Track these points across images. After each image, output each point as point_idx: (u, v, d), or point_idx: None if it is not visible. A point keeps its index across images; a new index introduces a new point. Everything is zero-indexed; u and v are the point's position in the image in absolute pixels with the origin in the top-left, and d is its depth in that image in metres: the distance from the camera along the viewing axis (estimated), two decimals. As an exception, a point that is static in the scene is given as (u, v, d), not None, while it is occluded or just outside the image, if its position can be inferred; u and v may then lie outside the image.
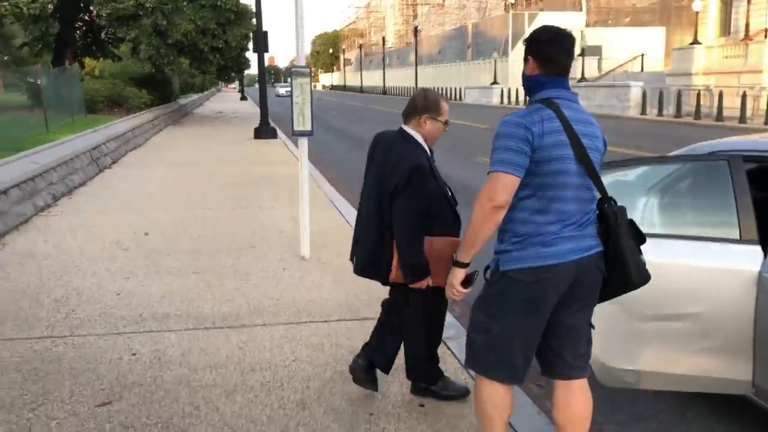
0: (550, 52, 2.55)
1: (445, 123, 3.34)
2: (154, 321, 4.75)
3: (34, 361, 4.07)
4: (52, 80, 16.07)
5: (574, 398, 2.70)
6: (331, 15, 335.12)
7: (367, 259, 3.41)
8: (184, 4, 22.60)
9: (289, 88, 6.36)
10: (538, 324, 2.58)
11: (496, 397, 2.66)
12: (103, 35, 26.25)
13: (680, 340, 3.19)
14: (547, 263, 2.45)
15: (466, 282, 2.64)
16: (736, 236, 3.16)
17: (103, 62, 28.95)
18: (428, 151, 3.33)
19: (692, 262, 3.17)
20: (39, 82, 15.50)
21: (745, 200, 3.19)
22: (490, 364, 2.63)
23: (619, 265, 2.54)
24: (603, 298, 2.67)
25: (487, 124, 26.09)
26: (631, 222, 2.61)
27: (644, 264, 2.59)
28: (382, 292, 5.36)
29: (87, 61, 27.74)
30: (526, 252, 2.47)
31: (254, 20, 21.27)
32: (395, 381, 3.78)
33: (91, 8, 22.94)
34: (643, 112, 28.82)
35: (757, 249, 3.10)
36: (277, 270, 6.05)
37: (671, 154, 4.15)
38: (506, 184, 2.41)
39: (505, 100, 43.85)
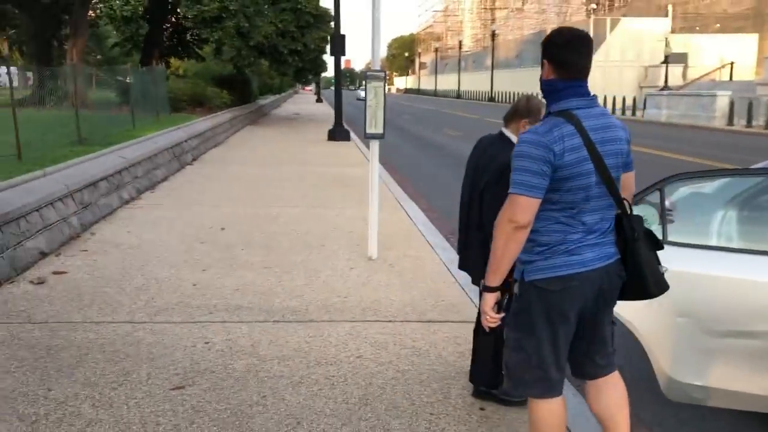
0: (566, 55, 2.48)
1: None
2: (227, 312, 4.95)
3: (116, 343, 4.32)
4: (139, 79, 16.84)
5: (606, 394, 2.75)
6: (407, 18, 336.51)
7: (460, 256, 3.63)
8: (266, 7, 23.24)
9: None
10: (567, 333, 2.59)
11: (552, 415, 2.64)
12: (188, 36, 27.29)
13: (754, 358, 3.10)
14: (573, 272, 2.48)
15: (498, 306, 2.61)
16: (818, 254, 3.04)
17: (187, 62, 30.07)
18: None
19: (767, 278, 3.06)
20: (128, 81, 16.26)
21: (829, 216, 3.07)
22: (530, 383, 2.63)
23: (637, 277, 2.56)
24: (621, 299, 2.69)
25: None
26: (648, 232, 2.62)
27: (662, 274, 2.61)
28: (448, 295, 5.43)
29: (172, 61, 28.87)
30: (552, 261, 2.49)
31: (332, 23, 21.65)
32: (457, 383, 3.82)
33: (178, 10, 23.89)
34: (730, 122, 27.67)
35: (841, 268, 2.98)
36: (345, 269, 6.17)
37: (754, 166, 4.03)
38: (527, 206, 2.40)
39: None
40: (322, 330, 4.64)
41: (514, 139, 3.35)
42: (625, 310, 3.29)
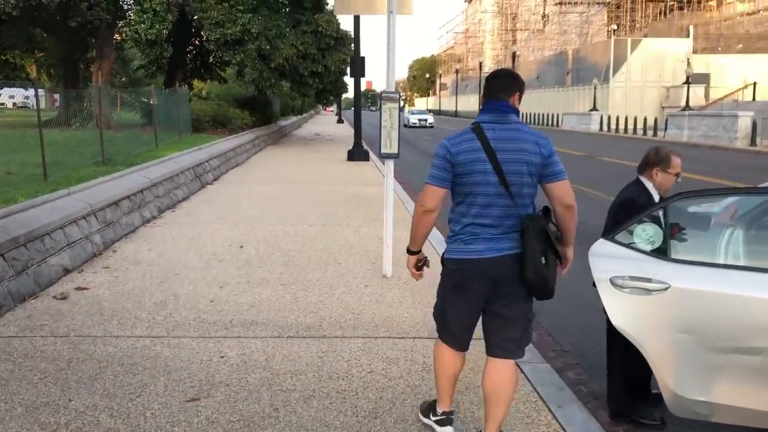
0: (488, 84, 3.21)
1: (676, 175, 3.84)
2: (243, 327, 5.06)
3: (135, 356, 4.44)
4: (162, 100, 17.20)
5: (497, 373, 3.24)
6: (428, 40, 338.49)
7: None
8: (287, 30, 23.63)
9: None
10: (465, 304, 3.22)
11: (443, 357, 3.39)
12: (211, 59, 27.79)
13: (756, 374, 3.13)
14: (464, 257, 3.14)
15: (420, 266, 3.44)
16: (821, 271, 3.08)
17: (210, 84, 30.58)
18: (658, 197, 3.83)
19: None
20: (152, 102, 16.63)
21: (831, 235, 3.10)
22: (440, 331, 3.40)
23: (521, 264, 3.05)
24: (530, 294, 3.18)
25: (583, 151, 25.62)
26: (544, 229, 3.04)
27: (542, 264, 3.03)
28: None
29: (195, 82, 29.40)
30: (453, 246, 3.20)
31: (352, 45, 21.95)
32: (466, 399, 3.88)
33: (202, 33, 24.39)
34: (753, 143, 27.44)
35: (843, 286, 3.01)
36: (360, 286, 6.27)
37: (762, 185, 4.07)
38: (432, 194, 3.12)
39: (605, 126, 42.82)
40: (335, 345, 4.73)
41: (647, 184, 3.87)
42: (628, 325, 3.34)
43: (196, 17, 22.91)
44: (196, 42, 27.22)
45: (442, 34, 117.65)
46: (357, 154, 20.22)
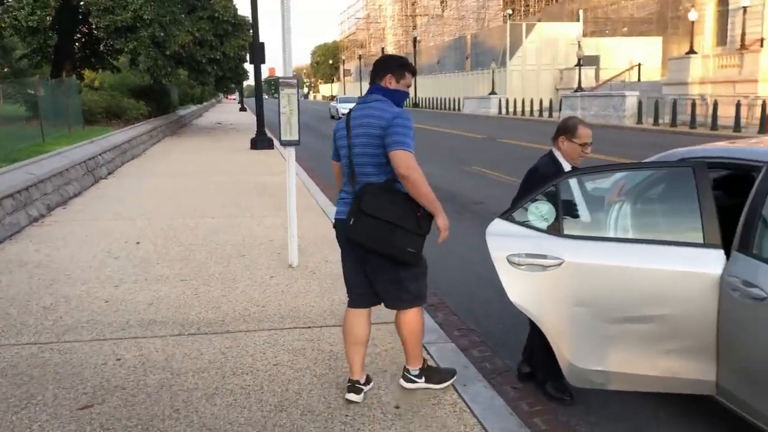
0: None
1: (583, 146, 3.87)
2: (140, 327, 4.83)
3: (20, 366, 4.15)
4: (49, 92, 16.20)
5: (396, 319, 3.73)
6: (330, 26, 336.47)
7: None
8: (182, 16, 22.77)
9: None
10: (345, 260, 3.70)
11: (345, 317, 3.77)
12: (101, 47, 26.40)
13: (647, 342, 3.27)
14: (334, 219, 3.67)
15: None
16: (700, 240, 3.24)
17: (102, 74, 29.09)
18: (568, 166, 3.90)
19: (658, 266, 3.24)
20: (36, 94, 15.61)
21: (709, 205, 3.27)
22: None
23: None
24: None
25: (484, 134, 26.25)
26: (361, 197, 3.39)
27: (350, 225, 3.41)
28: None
29: (86, 72, 27.86)
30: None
31: (251, 31, 21.43)
32: (375, 385, 3.86)
33: (90, 20, 23.11)
34: (639, 121, 28.96)
35: (720, 253, 3.18)
36: (265, 278, 6.13)
37: (646, 160, 4.25)
38: (333, 166, 3.78)
39: (503, 110, 44.00)
40: (239, 340, 4.60)
41: (555, 153, 3.95)
42: (526, 301, 3.42)
43: (82, 2, 21.67)
44: (85, 29, 25.76)
45: (343, 20, 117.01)
46: (260, 142, 19.83)
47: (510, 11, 59.71)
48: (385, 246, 3.38)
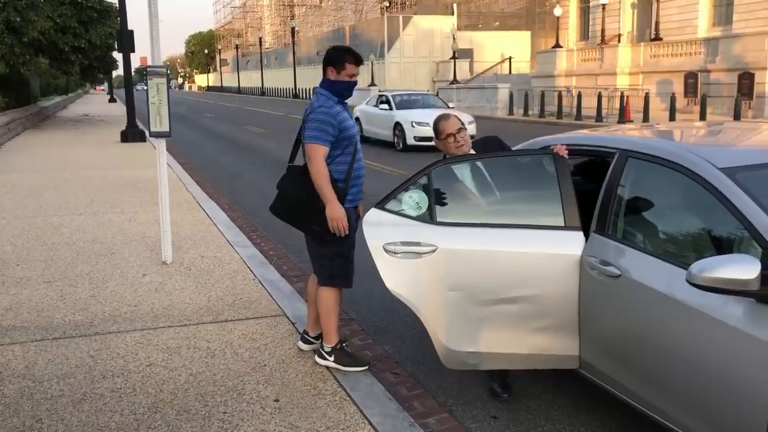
0: None
1: (449, 136, 3.91)
2: (-3, 334, 4.48)
3: None
4: None
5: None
6: (206, 15, 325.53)
7: None
8: (41, 0, 21.24)
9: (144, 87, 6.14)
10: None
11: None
12: (-52, 32, 24.15)
13: (515, 321, 3.43)
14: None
15: None
16: (561, 223, 3.43)
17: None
18: None
19: (523, 249, 3.40)
20: None
21: (568, 190, 3.47)
22: None
23: None
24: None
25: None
26: (287, 175, 3.95)
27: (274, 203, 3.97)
28: (246, 293, 5.37)
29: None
30: None
31: (119, 19, 20.33)
32: (252, 379, 3.80)
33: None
34: (510, 112, 30.25)
35: (580, 234, 3.39)
36: (137, 276, 5.87)
37: (514, 148, 4.43)
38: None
39: (383, 101, 44.47)
40: (109, 342, 4.38)
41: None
42: (402, 288, 3.48)
43: None
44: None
45: (219, 8, 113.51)
46: (132, 134, 18.92)
47: (387, 3, 60.36)
48: (293, 221, 3.94)
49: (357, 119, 18.21)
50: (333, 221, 3.71)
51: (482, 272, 3.40)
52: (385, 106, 18.50)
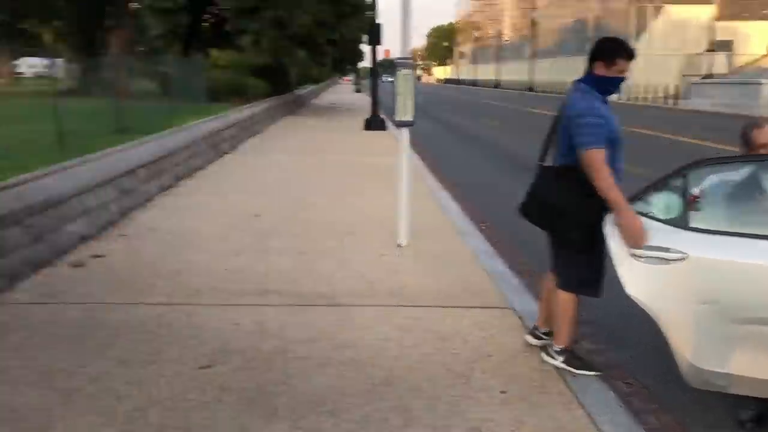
0: None
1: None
2: (257, 296, 5.06)
3: (149, 324, 4.46)
4: (179, 70, 17.12)
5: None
6: (447, 8, 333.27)
7: None
8: (305, -3, 23.33)
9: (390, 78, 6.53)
10: None
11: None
12: (227, 27, 27.56)
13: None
14: None
15: None
16: None
17: (226, 53, 30.36)
18: None
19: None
20: (168, 71, 16.55)
21: None
22: None
23: None
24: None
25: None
26: (541, 175, 3.86)
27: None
28: (475, 282, 5.45)
29: (213, 51, 29.22)
30: None
31: (370, 13, 21.66)
32: (479, 367, 3.86)
33: (217, 1, 24.17)
34: (777, 111, 26.86)
35: None
36: (375, 256, 6.24)
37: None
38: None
39: (623, 94, 42.04)
40: (350, 314, 4.72)
41: None
42: (643, 295, 3.28)
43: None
44: (215, 11, 26.99)
45: (460, 1, 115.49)
46: (374, 123, 20.09)
47: (636, -8, 56.69)
48: (546, 226, 3.84)
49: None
50: (627, 231, 3.30)
51: (743, 287, 3.08)
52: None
